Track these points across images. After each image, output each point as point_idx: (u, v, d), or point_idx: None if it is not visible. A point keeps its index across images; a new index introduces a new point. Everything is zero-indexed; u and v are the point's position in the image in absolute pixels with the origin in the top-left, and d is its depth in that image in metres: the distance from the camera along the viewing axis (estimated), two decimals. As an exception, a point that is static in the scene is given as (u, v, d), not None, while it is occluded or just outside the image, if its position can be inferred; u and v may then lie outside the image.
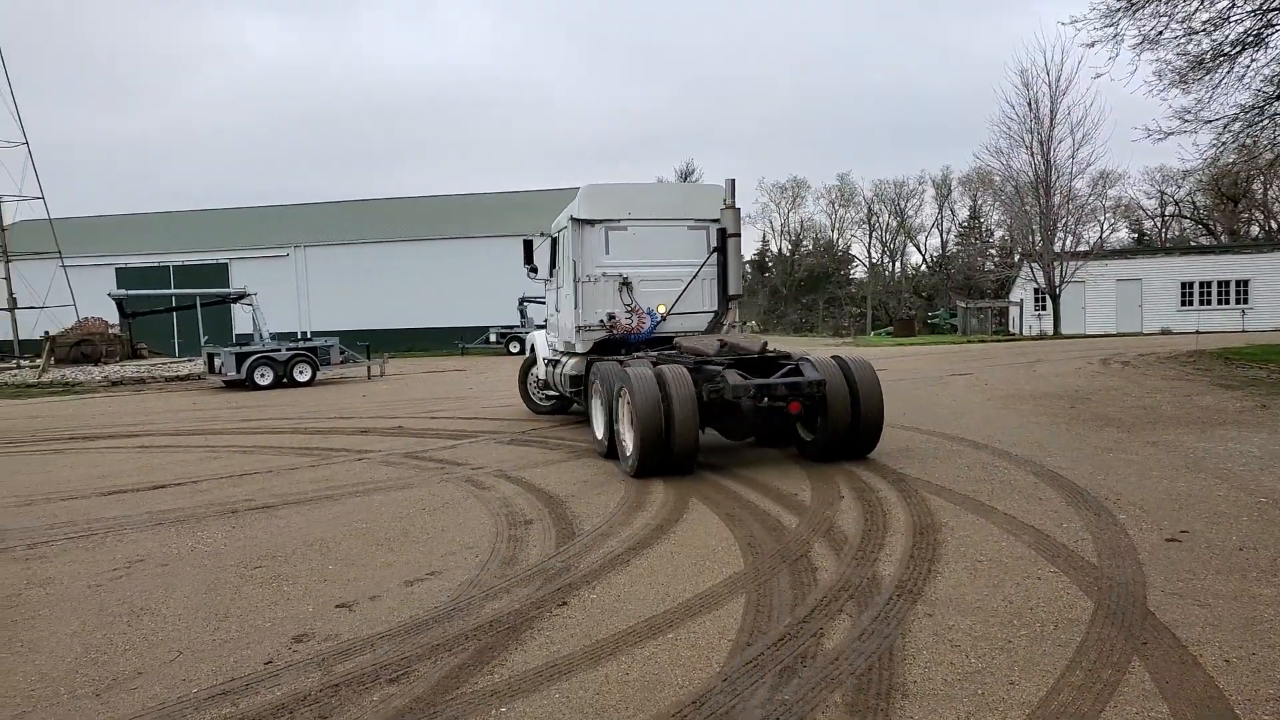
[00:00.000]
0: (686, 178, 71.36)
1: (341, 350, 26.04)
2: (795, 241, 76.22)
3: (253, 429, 14.74)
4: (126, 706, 4.19)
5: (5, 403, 23.17)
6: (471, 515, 7.77)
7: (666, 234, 12.29)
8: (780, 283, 70.51)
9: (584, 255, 12.09)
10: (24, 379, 28.60)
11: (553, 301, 14.04)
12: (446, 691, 4.21)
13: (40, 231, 39.13)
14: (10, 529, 7.94)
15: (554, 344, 13.92)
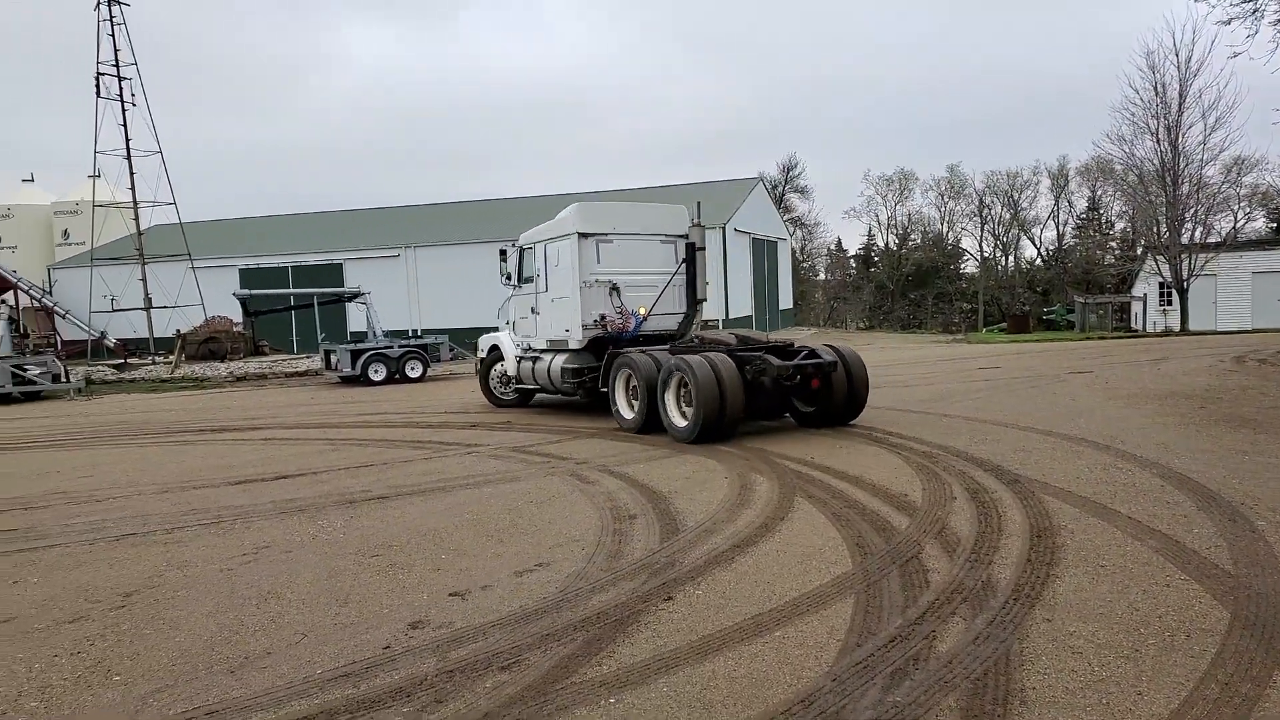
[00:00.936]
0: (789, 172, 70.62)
1: (451, 347, 26.75)
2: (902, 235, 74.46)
3: (368, 423, 15.29)
4: (258, 684, 4.42)
5: (142, 397, 24.66)
6: (577, 509, 7.88)
7: (644, 246, 14.48)
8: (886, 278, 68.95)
9: (581, 264, 13.88)
10: (158, 374, 30.38)
11: (525, 305, 15.55)
12: (556, 681, 4.29)
13: (172, 235, 41.46)
14: (151, 514, 8.46)
15: (528, 343, 15.56)
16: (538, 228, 15.65)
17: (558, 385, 14.49)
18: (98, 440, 14.67)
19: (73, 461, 12.29)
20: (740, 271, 40.31)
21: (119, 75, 36.65)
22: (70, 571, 6.61)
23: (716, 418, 10.95)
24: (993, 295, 66.21)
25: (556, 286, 14.54)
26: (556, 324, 14.63)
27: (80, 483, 10.47)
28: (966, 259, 72.92)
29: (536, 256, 15.08)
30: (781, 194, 68.33)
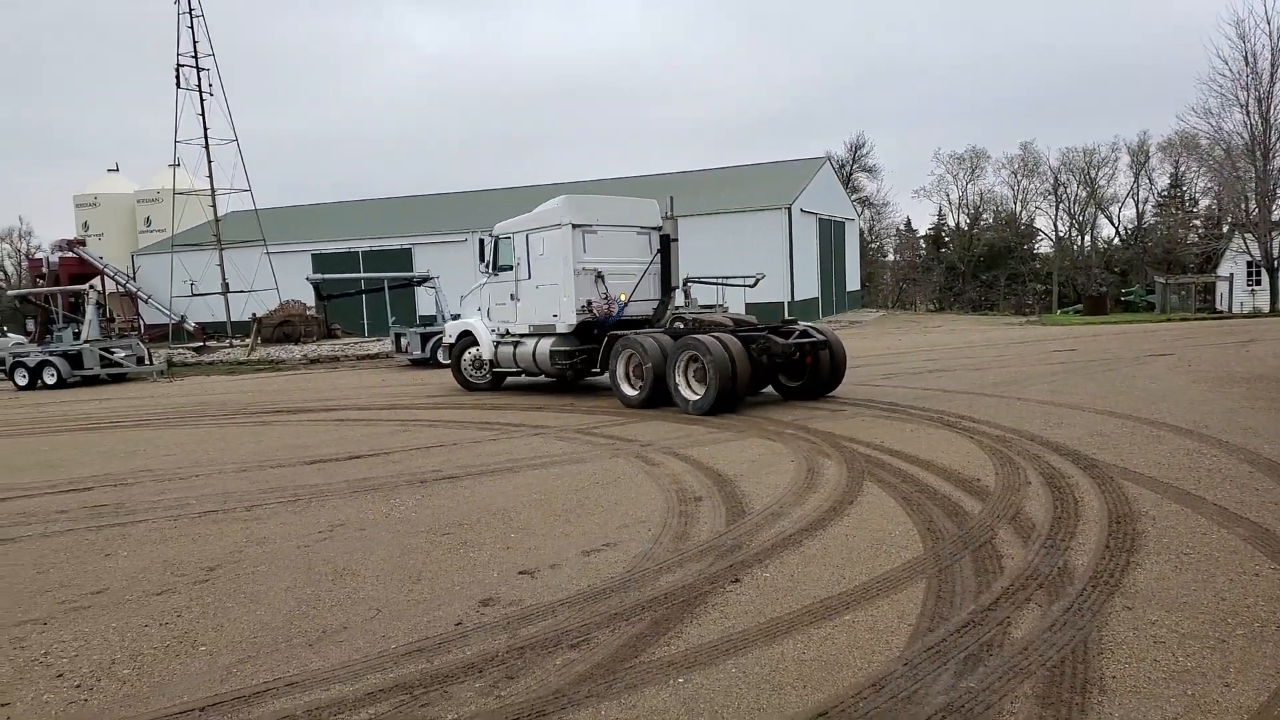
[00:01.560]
0: (857, 151, 69.43)
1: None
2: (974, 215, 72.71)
3: (437, 404, 15.55)
4: (335, 657, 4.54)
5: (220, 379, 25.47)
6: (643, 490, 7.90)
7: (623, 237, 15.56)
8: (957, 258, 67.43)
9: (571, 253, 14.84)
10: (235, 357, 31.34)
11: (503, 292, 16.30)
12: (625, 660, 4.32)
13: (247, 221, 42.62)
14: (231, 492, 8.74)
15: (506, 329, 16.35)
16: (515, 219, 16.47)
17: (544, 367, 15.48)
18: (180, 420, 15.20)
19: (157, 441, 12.76)
20: (806, 253, 39.84)
21: (197, 66, 37.72)
22: (157, 546, 6.87)
23: (729, 391, 12.22)
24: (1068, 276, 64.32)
25: (542, 274, 15.43)
26: (541, 309, 15.52)
27: (165, 461, 10.87)
28: (1040, 239, 70.89)
29: (516, 246, 15.91)
30: (849, 173, 67.25)
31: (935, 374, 16.38)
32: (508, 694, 4.01)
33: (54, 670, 4.56)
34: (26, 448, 12.82)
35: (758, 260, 35.58)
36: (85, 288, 28.41)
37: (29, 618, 5.37)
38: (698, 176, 46.63)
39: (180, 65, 37.44)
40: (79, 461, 11.21)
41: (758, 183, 42.24)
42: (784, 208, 37.22)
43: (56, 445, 12.89)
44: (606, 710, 3.83)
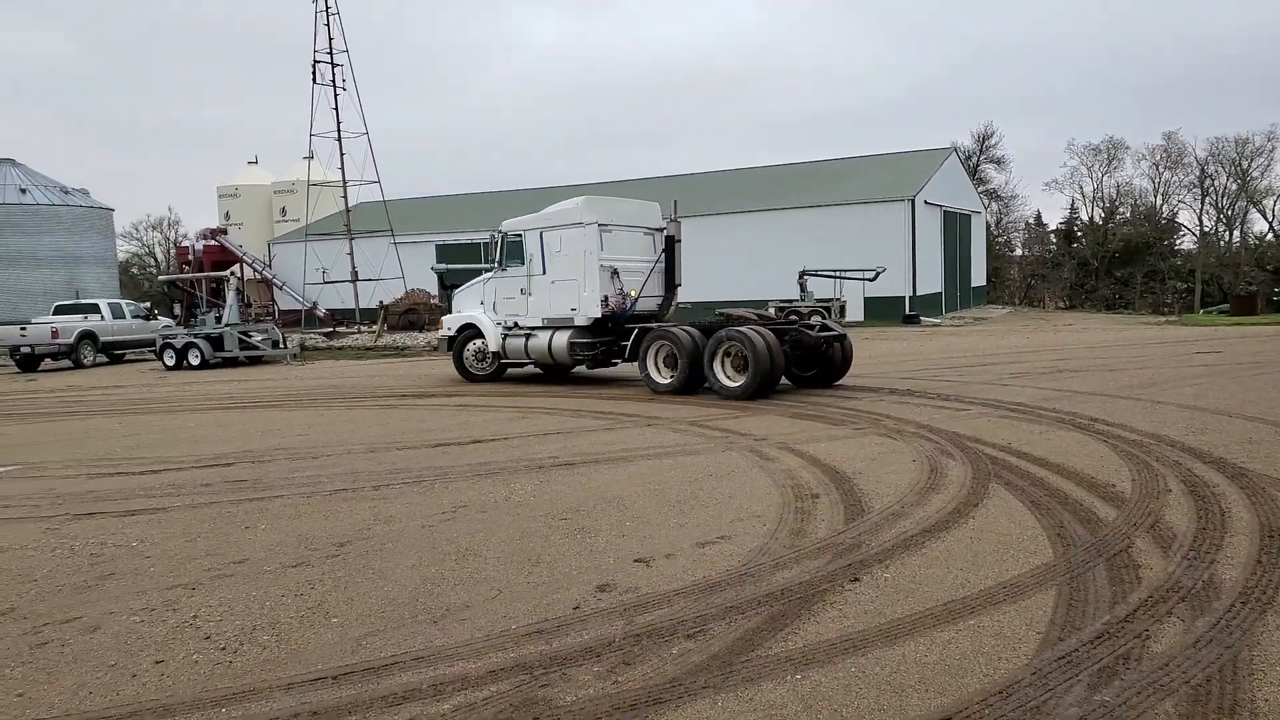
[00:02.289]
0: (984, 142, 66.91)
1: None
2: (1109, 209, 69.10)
3: (552, 393, 15.81)
4: (459, 635, 4.68)
5: (349, 363, 26.57)
6: (757, 485, 7.85)
7: (632, 237, 16.44)
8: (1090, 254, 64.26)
9: (596, 250, 15.76)
10: (363, 342, 32.65)
11: (512, 287, 16.99)
12: (741, 653, 4.30)
13: (376, 212, 44.30)
14: (360, 472, 9.12)
15: (515, 321, 17.07)
16: (525, 217, 17.15)
17: (560, 358, 16.39)
18: (312, 402, 15.94)
19: (292, 420, 13.42)
20: (929, 246, 38.69)
21: (332, 62, 39.36)
22: (292, 521, 7.23)
23: (768, 378, 13.47)
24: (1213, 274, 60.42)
25: (559, 270, 16.22)
26: (557, 304, 16.30)
27: (298, 440, 11.42)
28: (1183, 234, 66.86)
29: (528, 243, 16.62)
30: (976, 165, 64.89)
31: (1066, 374, 15.68)
32: (625, 680, 4.06)
33: (202, 633, 4.86)
34: (175, 424, 13.69)
35: (878, 254, 34.81)
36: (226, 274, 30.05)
37: (180, 582, 5.74)
38: (816, 168, 45.89)
39: (317, 61, 39.15)
40: (221, 438, 11.90)
41: (879, 174, 41.25)
42: (907, 200, 36.24)
43: (201, 423, 13.71)
44: (723, 702, 3.83)
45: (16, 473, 9.93)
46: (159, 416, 14.74)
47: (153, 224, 79.64)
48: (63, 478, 9.48)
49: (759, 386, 13.41)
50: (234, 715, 3.87)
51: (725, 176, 47.96)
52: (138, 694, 4.13)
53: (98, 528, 7.20)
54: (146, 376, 23.85)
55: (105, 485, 8.96)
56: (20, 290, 41.73)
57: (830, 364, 14.84)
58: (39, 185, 44.33)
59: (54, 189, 44.86)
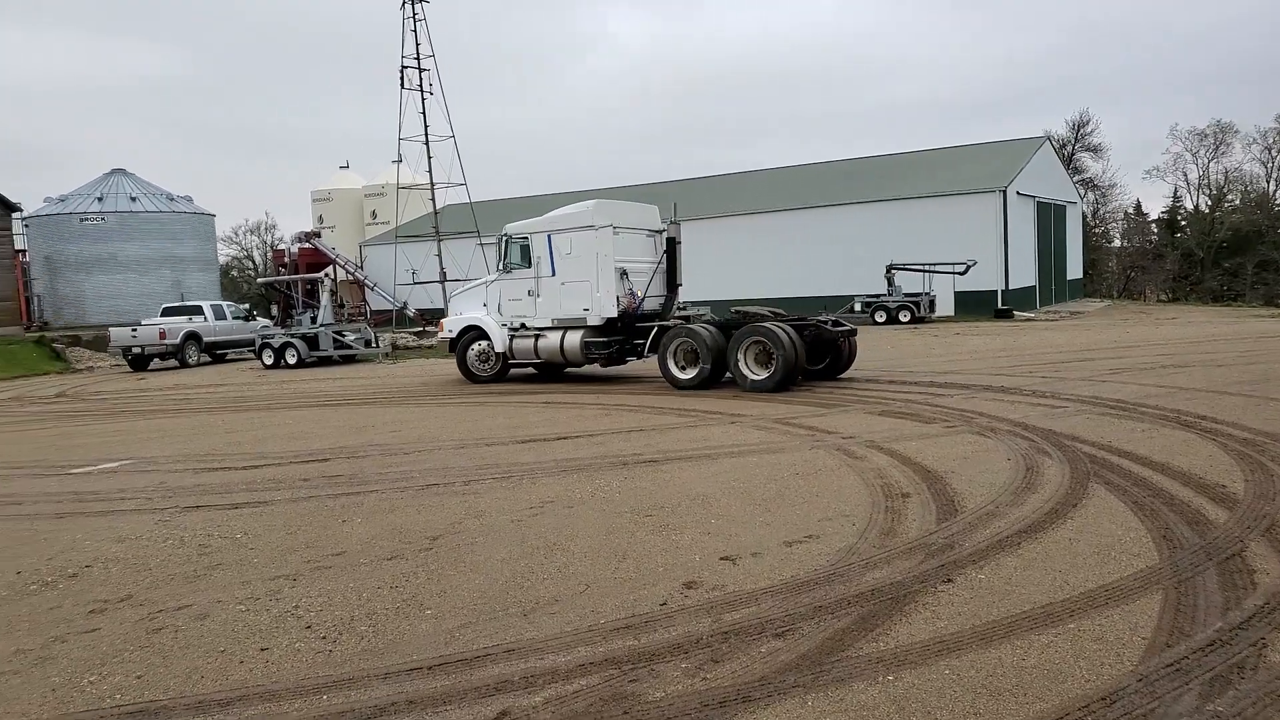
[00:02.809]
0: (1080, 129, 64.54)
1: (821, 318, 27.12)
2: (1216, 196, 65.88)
3: (636, 390, 15.88)
4: (548, 628, 4.75)
5: (438, 362, 27.14)
6: (846, 484, 7.74)
7: (636, 239, 17.01)
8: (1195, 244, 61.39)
9: (611, 252, 16.38)
10: (451, 341, 33.28)
11: (518, 289, 17.39)
12: (831, 653, 4.26)
13: (463, 213, 45.15)
14: (451, 467, 9.33)
15: (522, 322, 17.47)
16: (529, 221, 17.75)
17: (573, 357, 16.84)
18: (404, 399, 16.35)
19: (384, 417, 13.80)
20: (1022, 239, 37.53)
21: (419, 68, 40.28)
22: (386, 515, 7.43)
23: (793, 371, 14.38)
24: (1331, 263, 57.05)
25: (570, 272, 16.71)
26: (568, 304, 16.81)
27: (391, 436, 11.73)
28: (1298, 221, 63.24)
29: (535, 246, 17.09)
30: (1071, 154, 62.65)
31: (1169, 369, 15.02)
32: (713, 677, 4.05)
33: (303, 622, 5.04)
34: (274, 421, 14.21)
35: (969, 246, 33.97)
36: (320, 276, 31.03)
37: (282, 573, 5.96)
38: (904, 159, 44.97)
39: (405, 67, 40.12)
40: (317, 434, 12.31)
41: (969, 164, 40.18)
42: (998, 190, 35.24)
43: (299, 419, 14.21)
44: (814, 702, 3.79)
45: (130, 466, 10.46)
46: (259, 414, 15.32)
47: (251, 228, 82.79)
48: (171, 472, 9.94)
49: (783, 379, 14.20)
50: (335, 703, 4.00)
51: (808, 170, 47.39)
52: (245, 680, 4.31)
53: (205, 520, 7.53)
54: (246, 375, 24.84)
55: (211, 479, 9.36)
56: (131, 293, 43.93)
57: (839, 357, 15.74)
58: (147, 193, 46.57)
59: (160, 196, 47.06)
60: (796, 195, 42.14)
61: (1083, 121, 64.96)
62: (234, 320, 31.95)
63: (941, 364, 17.81)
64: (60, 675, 4.47)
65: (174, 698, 4.15)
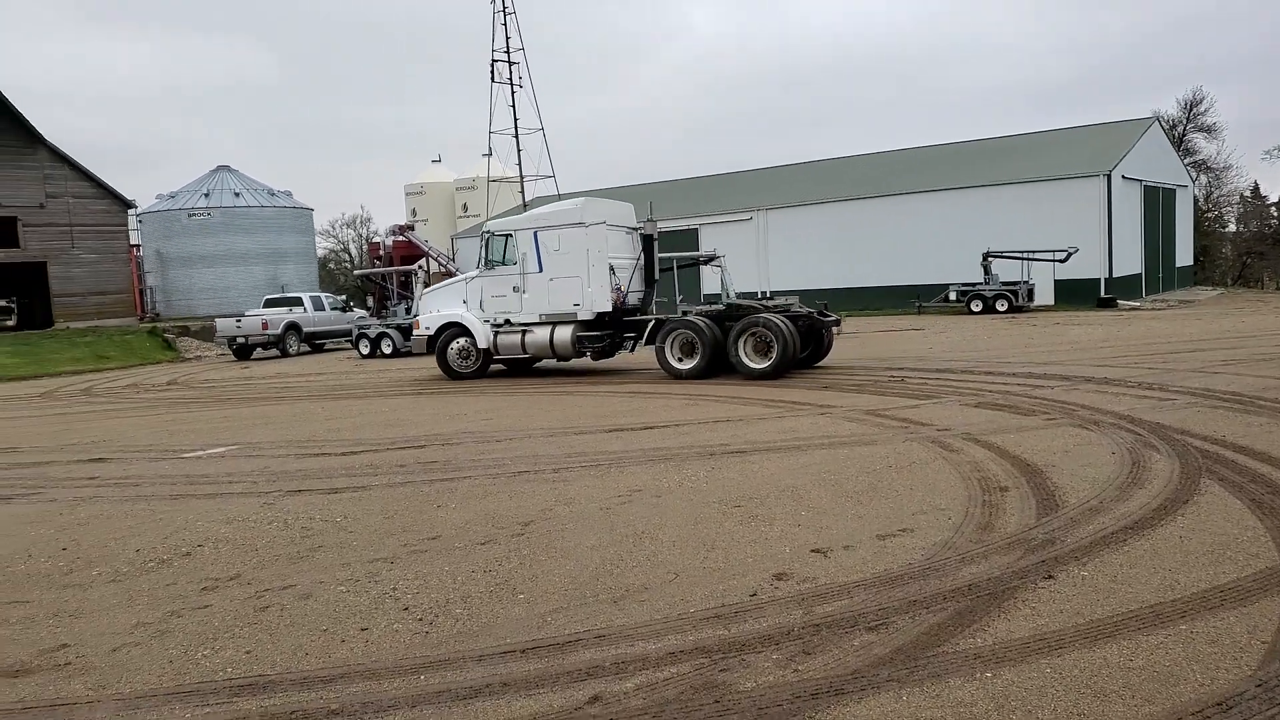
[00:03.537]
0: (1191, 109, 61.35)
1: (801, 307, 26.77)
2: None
3: (722, 380, 15.80)
4: (638, 615, 4.78)
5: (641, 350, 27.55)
6: (940, 476, 7.56)
7: (618, 236, 17.44)
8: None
9: (604, 249, 16.87)
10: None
11: (502, 285, 17.62)
12: (927, 647, 4.17)
13: (551, 205, 45.79)
14: (540, 455, 9.46)
15: (507, 319, 17.75)
16: (513, 218, 18.31)
17: (563, 352, 17.27)
18: (494, 387, 16.65)
19: (476, 406, 14.07)
20: (1128, 224, 35.96)
21: (509, 61, 40.82)
22: (480, 500, 7.58)
23: (791, 359, 15.24)
24: None
25: (558, 268, 17.06)
26: (556, 300, 17.19)
27: (483, 424, 11.96)
28: None
29: (520, 243, 17.39)
30: (1181, 135, 59.64)
31: (1289, 361, 14.21)
32: (805, 669, 4.02)
33: (401, 604, 5.18)
34: (370, 409, 14.64)
35: (1070, 234, 32.76)
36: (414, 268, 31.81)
37: (379, 556, 6.14)
38: (1001, 143, 43.55)
39: (495, 61, 40.72)
40: (413, 422, 12.63)
41: (1070, 148, 38.66)
42: (1102, 175, 33.83)
43: (395, 407, 14.60)
44: (909, 697, 3.72)
45: (237, 451, 10.92)
46: (356, 402, 15.81)
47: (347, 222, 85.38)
48: (275, 457, 10.34)
49: (782, 366, 15.10)
50: (432, 683, 4.11)
51: (899, 156, 46.35)
52: (347, 658, 4.46)
53: (306, 504, 7.81)
54: (344, 364, 25.66)
55: (311, 465, 9.70)
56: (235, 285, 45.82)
57: (820, 346, 16.72)
58: (249, 189, 48.47)
59: (262, 192, 48.92)
60: (886, 182, 41.26)
61: (1195, 100, 61.71)
62: (332, 311, 33.02)
63: (1040, 354, 17.23)
64: (176, 648, 4.70)
65: (280, 673, 4.32)
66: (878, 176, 42.81)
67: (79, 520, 7.64)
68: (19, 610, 5.43)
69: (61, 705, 4.09)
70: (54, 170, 38.16)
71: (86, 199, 39.22)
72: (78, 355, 30.84)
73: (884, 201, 39.73)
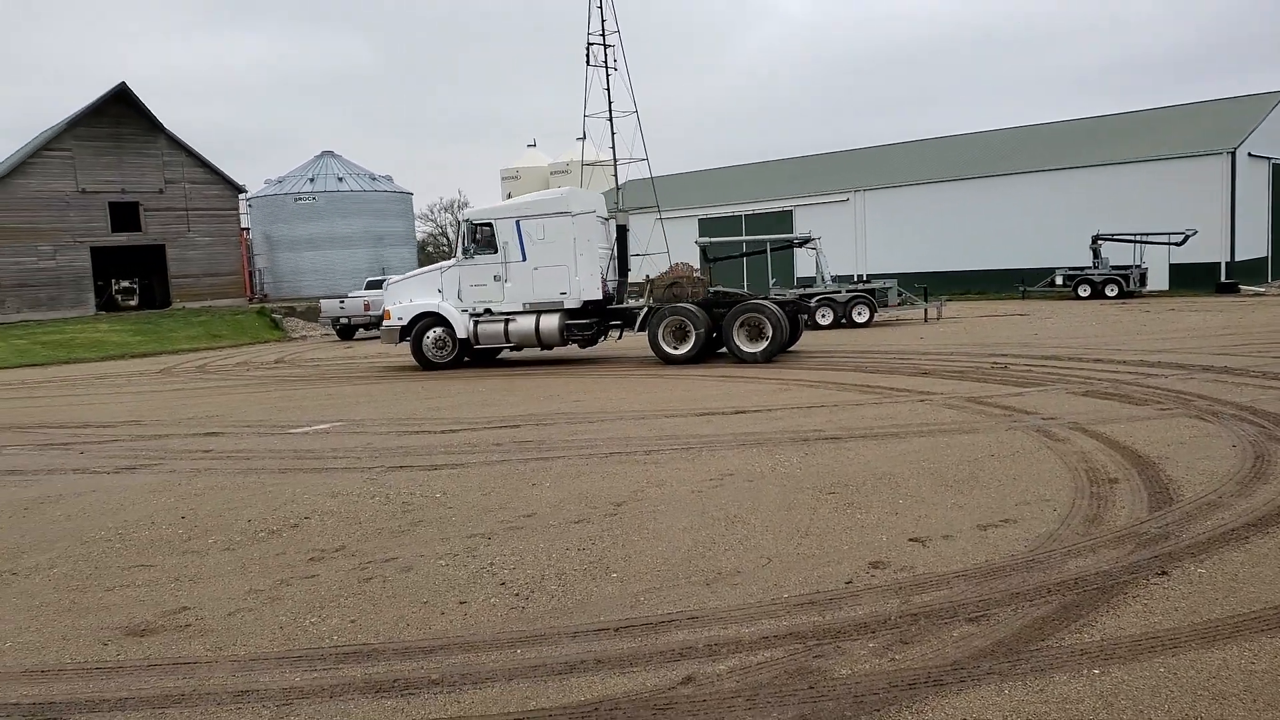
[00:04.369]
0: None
1: (900, 292, 26.20)
2: None
3: (817, 365, 15.62)
4: (730, 598, 4.77)
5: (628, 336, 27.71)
6: (1045, 467, 7.31)
7: (597, 225, 18.03)
8: None
9: (595, 237, 17.59)
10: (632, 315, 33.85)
11: (482, 274, 17.51)
12: (1030, 641, 4.05)
13: (643, 189, 45.70)
14: (632, 437, 9.51)
15: (487, 308, 17.62)
16: (493, 205, 18.59)
17: (549, 340, 17.40)
18: (585, 369, 16.81)
19: (568, 387, 14.23)
20: (1253, 205, 33.90)
21: (604, 44, 40.88)
22: (573, 480, 7.67)
23: (784, 343, 16.41)
24: None
25: (543, 257, 17.16)
26: (541, 288, 17.25)
27: (575, 406, 12.09)
28: None
29: (501, 231, 17.33)
30: (1312, 108, 55.92)
31: None
32: (902, 658, 3.95)
33: (498, 578, 5.29)
34: (468, 388, 14.96)
35: (1189, 215, 31.13)
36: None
37: (477, 532, 6.28)
38: (1114, 121, 41.58)
39: (590, 44, 40.82)
40: (507, 402, 12.86)
41: (1191, 125, 36.63)
42: (1225, 152, 32.00)
43: (491, 388, 14.89)
44: (1011, 690, 3.62)
45: (341, 428, 11.31)
46: (453, 381, 16.17)
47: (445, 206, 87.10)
48: (377, 434, 10.67)
49: (775, 350, 16.06)
50: (528, 657, 4.18)
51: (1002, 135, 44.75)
52: (445, 630, 4.58)
53: (408, 479, 8.04)
54: (442, 345, 26.19)
55: (412, 442, 9.98)
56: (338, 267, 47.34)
57: (796, 330, 17.73)
58: (352, 174, 49.93)
59: (364, 176, 50.34)
60: (991, 162, 39.92)
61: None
62: (431, 293, 33.74)
63: (1154, 342, 16.46)
64: (286, 614, 4.91)
65: (383, 642, 4.47)
66: (982, 157, 41.45)
67: (196, 491, 8.04)
68: (144, 574, 5.76)
69: (183, 664, 4.32)
70: (172, 157, 40.04)
71: (201, 184, 41.03)
72: (193, 334, 32.39)
73: (988, 182, 38.48)
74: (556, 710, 3.67)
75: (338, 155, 51.36)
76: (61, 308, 36.97)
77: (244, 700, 3.90)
